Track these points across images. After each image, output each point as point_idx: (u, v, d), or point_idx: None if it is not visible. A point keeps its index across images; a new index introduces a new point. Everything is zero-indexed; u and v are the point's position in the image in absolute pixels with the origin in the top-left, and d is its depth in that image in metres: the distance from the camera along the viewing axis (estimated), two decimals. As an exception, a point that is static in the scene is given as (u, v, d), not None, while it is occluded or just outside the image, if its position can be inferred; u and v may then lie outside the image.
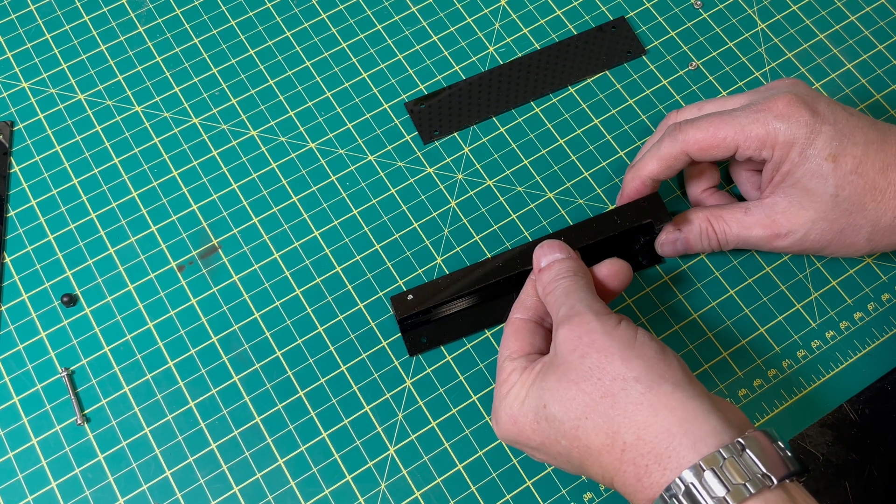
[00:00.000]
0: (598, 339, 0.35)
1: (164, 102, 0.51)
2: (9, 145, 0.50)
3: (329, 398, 0.44)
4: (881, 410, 0.45)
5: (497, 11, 0.54)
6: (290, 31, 0.53)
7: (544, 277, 0.40)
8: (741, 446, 0.32)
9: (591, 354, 0.35)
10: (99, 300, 0.46)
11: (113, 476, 0.43)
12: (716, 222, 0.44)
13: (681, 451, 0.32)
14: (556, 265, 0.40)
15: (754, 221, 0.43)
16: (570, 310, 0.37)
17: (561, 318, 0.37)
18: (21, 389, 0.44)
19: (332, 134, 0.51)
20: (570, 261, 0.40)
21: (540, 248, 0.41)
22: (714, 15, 0.54)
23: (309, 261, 0.47)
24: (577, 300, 0.37)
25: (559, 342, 0.36)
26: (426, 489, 0.43)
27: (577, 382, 0.34)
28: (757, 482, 0.31)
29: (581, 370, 0.34)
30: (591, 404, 0.34)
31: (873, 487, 0.43)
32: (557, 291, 0.38)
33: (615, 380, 0.34)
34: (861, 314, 0.47)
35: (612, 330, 0.35)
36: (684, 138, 0.42)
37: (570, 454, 0.35)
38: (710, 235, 0.44)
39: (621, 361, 0.34)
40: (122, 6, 0.54)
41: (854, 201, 0.40)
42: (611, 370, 0.34)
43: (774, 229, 0.42)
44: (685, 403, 0.33)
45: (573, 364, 0.35)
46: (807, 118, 0.40)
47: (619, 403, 0.33)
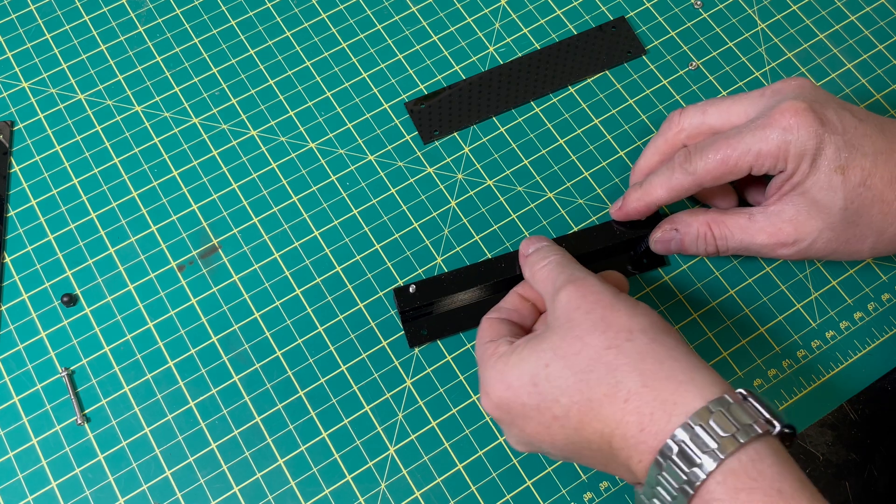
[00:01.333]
0: (604, 297, 0.36)
1: (164, 102, 0.51)
2: (9, 145, 0.50)
3: (329, 398, 0.44)
4: (881, 410, 0.45)
5: (497, 11, 0.54)
6: (290, 31, 0.53)
7: (533, 258, 0.40)
8: (743, 396, 0.33)
9: (597, 309, 0.35)
10: (99, 300, 0.46)
11: (113, 476, 0.43)
12: (717, 228, 0.43)
13: (687, 396, 0.32)
14: (544, 248, 0.41)
15: (758, 229, 0.42)
16: (571, 275, 0.37)
17: (560, 283, 0.37)
18: (21, 389, 0.44)
19: (332, 134, 0.51)
20: (555, 245, 0.41)
21: (527, 240, 0.42)
22: (714, 15, 0.54)
23: (309, 261, 0.47)
24: (575, 269, 0.38)
25: (561, 304, 0.36)
26: (426, 489, 0.43)
27: (581, 336, 0.34)
28: (762, 424, 0.31)
29: (585, 324, 0.35)
30: (595, 356, 0.34)
31: (873, 487, 0.43)
32: (550, 266, 0.39)
33: (620, 331, 0.34)
34: (861, 314, 0.47)
35: (616, 292, 0.36)
36: (695, 170, 0.41)
37: (569, 412, 0.34)
38: (709, 240, 0.43)
39: (627, 316, 0.35)
40: (122, 6, 0.54)
41: (861, 213, 0.40)
42: (616, 323, 0.34)
43: (779, 237, 0.41)
44: (688, 356, 0.34)
45: (578, 320, 0.35)
46: (815, 128, 0.39)
47: (623, 353, 0.33)
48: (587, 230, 0.44)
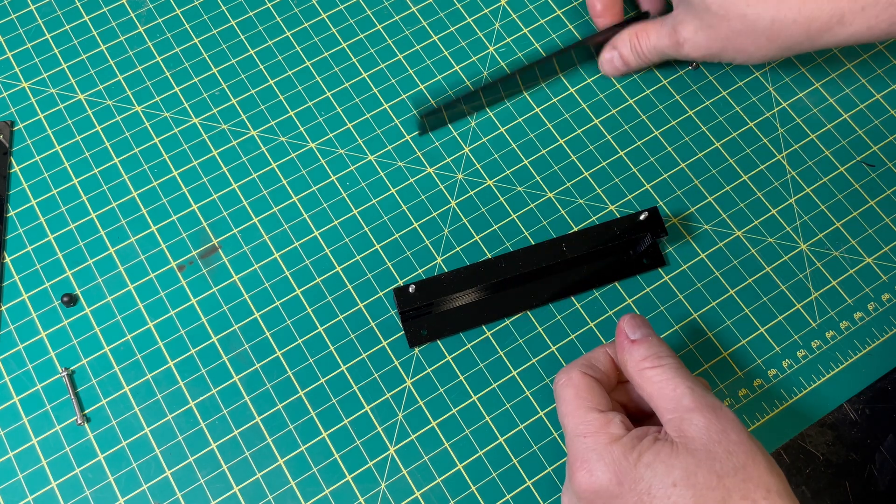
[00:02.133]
0: (746, 441, 0.34)
1: (164, 102, 0.51)
2: (9, 145, 0.50)
3: (329, 398, 0.44)
4: (881, 410, 0.45)
5: (497, 11, 0.54)
6: (290, 31, 0.53)
7: (641, 350, 0.37)
8: None
9: (739, 454, 0.33)
10: (99, 300, 0.46)
11: (113, 476, 0.43)
12: (640, 35, 0.49)
13: None
14: (654, 340, 0.38)
15: (665, 32, 0.48)
16: (703, 398, 0.35)
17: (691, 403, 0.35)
18: (21, 389, 0.44)
19: (332, 134, 0.51)
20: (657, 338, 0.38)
21: (630, 318, 0.39)
22: (714, 15, 0.54)
23: (309, 261, 0.47)
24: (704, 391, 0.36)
25: (697, 428, 0.34)
26: (426, 489, 0.43)
27: (720, 476, 0.33)
28: None
29: (726, 465, 0.33)
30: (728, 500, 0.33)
31: (873, 487, 0.43)
32: (668, 371, 0.36)
33: (759, 487, 0.33)
34: (861, 314, 0.47)
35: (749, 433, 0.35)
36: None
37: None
38: (636, 47, 0.49)
39: (767, 471, 0.33)
40: (122, 6, 0.54)
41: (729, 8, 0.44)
42: (756, 476, 0.33)
43: (675, 37, 0.47)
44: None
45: (717, 455, 0.33)
46: None
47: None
48: (587, 230, 0.44)
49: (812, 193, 0.49)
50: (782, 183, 0.50)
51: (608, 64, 0.51)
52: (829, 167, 0.50)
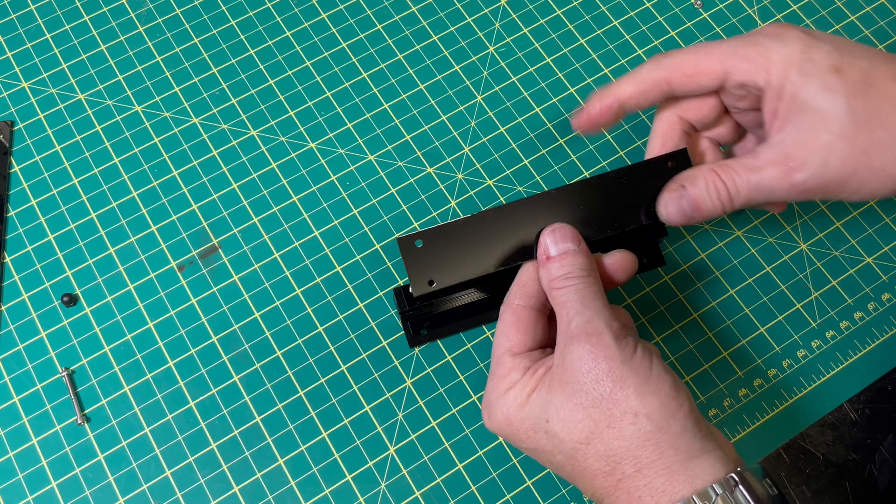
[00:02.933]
0: (616, 368, 0.33)
1: (164, 102, 0.51)
2: (9, 145, 0.50)
3: (329, 398, 0.44)
4: (881, 410, 0.45)
5: (497, 11, 0.54)
6: (290, 31, 0.53)
7: (553, 269, 0.36)
8: (734, 482, 0.32)
9: (606, 382, 0.33)
10: (99, 300, 0.46)
11: (113, 476, 0.43)
12: (723, 172, 0.37)
13: (676, 486, 0.32)
14: (569, 258, 0.36)
15: (765, 161, 0.36)
16: (588, 324, 0.34)
17: (575, 330, 0.34)
18: (21, 389, 0.44)
19: (332, 134, 0.51)
20: (582, 256, 0.36)
21: (551, 231, 0.37)
22: (714, 15, 0.54)
23: (309, 261, 0.47)
24: (595, 313, 0.35)
25: (572, 359, 0.34)
26: (426, 489, 0.43)
27: (585, 407, 0.33)
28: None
29: (593, 395, 0.33)
30: (596, 431, 0.33)
31: (873, 487, 0.43)
32: (569, 293, 0.35)
33: (626, 413, 0.33)
34: (861, 314, 0.47)
35: (629, 359, 0.34)
36: (669, 62, 0.38)
37: (563, 468, 0.35)
38: (719, 187, 0.37)
39: (636, 395, 0.33)
40: (122, 6, 0.54)
41: (871, 113, 0.35)
42: (623, 402, 0.33)
43: (788, 163, 0.36)
44: (690, 444, 0.33)
45: (585, 387, 0.34)
46: (799, 34, 0.36)
47: (625, 436, 0.33)
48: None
49: (812, 193, 0.49)
50: (782, 183, 0.50)
51: (673, 204, 0.38)
52: (829, 167, 0.50)
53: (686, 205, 0.38)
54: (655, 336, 0.46)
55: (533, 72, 0.52)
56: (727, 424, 0.44)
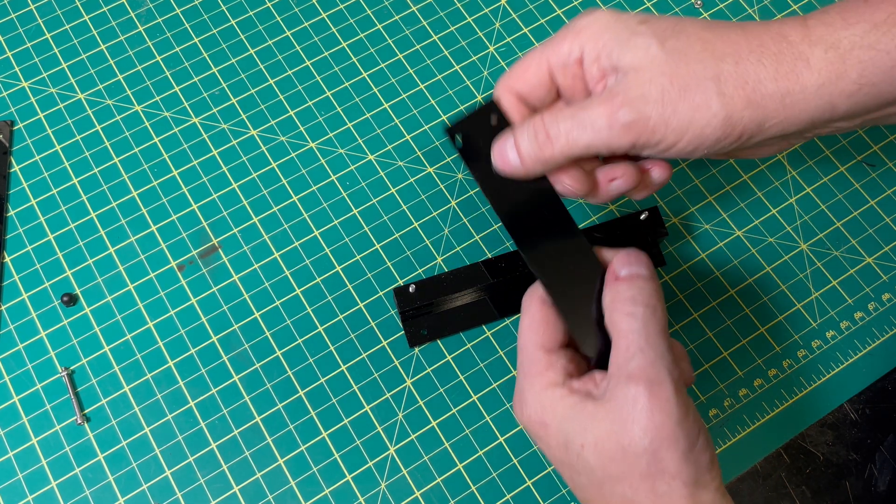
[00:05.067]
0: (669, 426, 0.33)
1: (164, 102, 0.51)
2: (9, 145, 0.50)
3: (329, 398, 0.44)
4: (881, 410, 0.45)
5: (497, 11, 0.54)
6: (290, 31, 0.53)
7: (623, 289, 0.35)
8: None
9: (655, 437, 0.33)
10: (99, 300, 0.46)
11: (113, 476, 0.43)
12: (548, 114, 0.36)
13: None
14: (639, 282, 0.35)
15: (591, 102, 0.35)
16: (650, 367, 0.33)
17: (635, 370, 0.33)
18: (21, 389, 0.44)
19: (332, 133, 0.51)
20: (653, 282, 0.35)
21: (626, 253, 0.36)
22: (714, 15, 0.54)
23: (309, 260, 0.47)
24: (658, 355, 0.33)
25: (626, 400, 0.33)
26: (426, 489, 0.43)
27: (625, 450, 0.33)
28: None
29: (638, 445, 0.33)
30: (629, 477, 0.33)
31: (873, 487, 0.43)
32: (634, 322, 0.34)
33: (664, 472, 0.33)
34: (861, 314, 0.47)
35: (683, 420, 0.33)
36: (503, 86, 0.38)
37: (584, 490, 0.34)
38: (538, 127, 0.36)
39: (679, 459, 0.33)
40: (122, 6, 0.54)
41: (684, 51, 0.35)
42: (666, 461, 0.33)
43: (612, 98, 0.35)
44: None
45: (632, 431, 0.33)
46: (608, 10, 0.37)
47: (656, 492, 0.33)
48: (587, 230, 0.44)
49: (812, 193, 0.49)
50: (783, 182, 0.50)
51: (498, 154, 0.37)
52: (829, 167, 0.50)
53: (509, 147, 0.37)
54: (655, 336, 0.46)
55: (533, 71, 0.52)
56: (727, 424, 0.44)
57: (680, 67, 0.35)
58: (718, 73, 0.34)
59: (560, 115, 0.36)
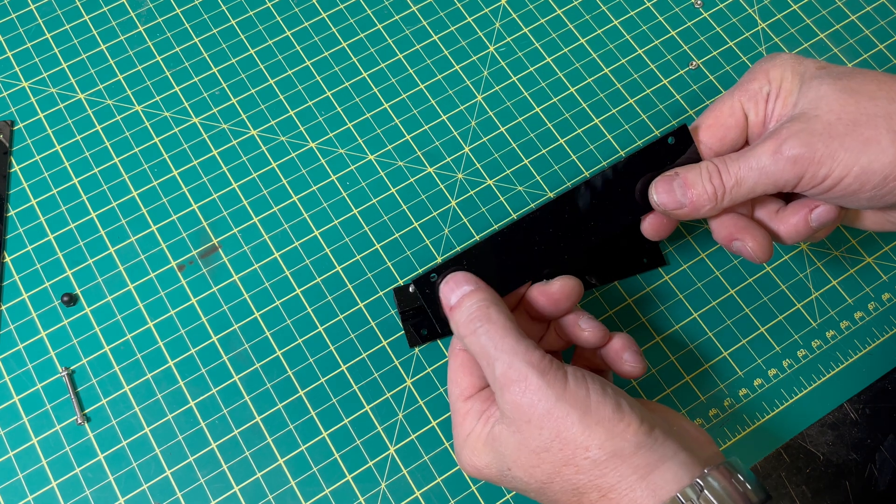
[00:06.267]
0: (553, 407, 0.33)
1: (164, 102, 0.51)
2: (9, 145, 0.50)
3: (329, 398, 0.44)
4: (881, 410, 0.45)
5: (497, 11, 0.54)
6: (290, 31, 0.53)
7: (457, 316, 0.36)
8: (700, 487, 0.32)
9: (548, 425, 0.33)
10: (99, 300, 0.46)
11: (113, 476, 0.43)
12: (718, 160, 0.38)
13: (643, 501, 0.32)
14: (465, 300, 0.36)
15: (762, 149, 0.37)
16: (510, 369, 0.34)
17: (501, 378, 0.34)
18: (21, 389, 0.44)
19: (332, 133, 0.51)
20: (479, 292, 0.37)
21: (444, 283, 0.38)
22: (714, 14, 0.54)
23: (309, 260, 0.47)
24: (512, 354, 0.34)
25: (508, 408, 0.34)
26: (426, 489, 0.43)
27: (538, 453, 0.34)
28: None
29: (540, 441, 0.33)
30: (553, 472, 0.34)
31: (873, 487, 0.43)
32: (479, 338, 0.35)
33: (577, 449, 0.33)
34: (861, 314, 0.47)
35: (563, 393, 0.33)
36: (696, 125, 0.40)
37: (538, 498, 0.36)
38: (711, 170, 0.38)
39: (581, 430, 0.33)
40: (122, 6, 0.54)
41: (857, 89, 0.36)
42: (571, 440, 0.33)
43: (777, 136, 0.36)
44: (647, 457, 0.33)
45: (530, 435, 0.34)
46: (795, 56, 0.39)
47: (583, 469, 0.33)
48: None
49: (812, 193, 0.49)
50: (782, 183, 0.50)
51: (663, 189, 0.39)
52: (829, 167, 0.50)
53: (677, 186, 0.38)
54: (656, 336, 0.46)
55: (533, 72, 0.52)
56: (727, 424, 0.44)
57: (850, 104, 0.35)
58: (891, 112, 0.35)
59: (730, 160, 0.38)
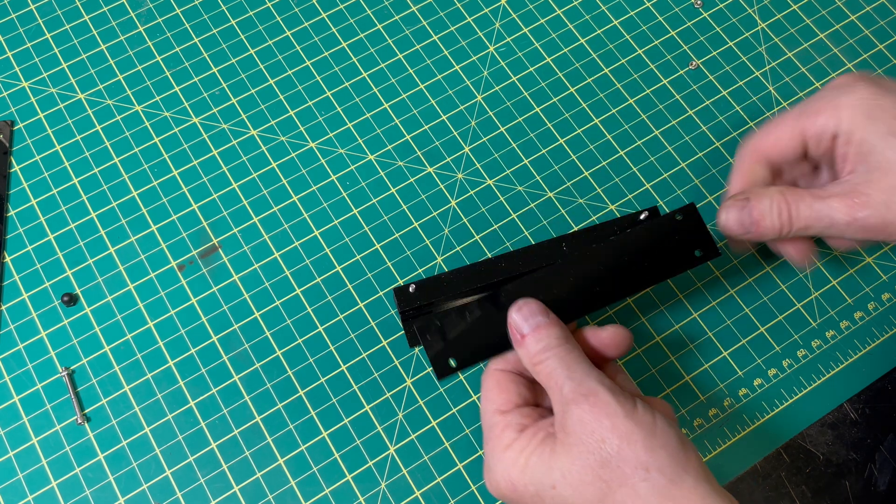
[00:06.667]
0: (620, 424, 0.33)
1: (164, 102, 0.51)
2: (9, 145, 0.50)
3: (329, 398, 0.44)
4: (881, 410, 0.45)
5: (497, 11, 0.54)
6: (290, 31, 0.53)
7: (531, 345, 0.36)
8: None
9: (612, 440, 0.33)
10: (99, 300, 0.46)
11: (113, 475, 0.43)
12: (790, 194, 0.39)
13: None
14: (542, 330, 0.37)
15: (832, 193, 0.38)
16: (580, 386, 0.34)
17: (569, 394, 0.34)
18: (21, 389, 0.44)
19: (332, 133, 0.51)
20: (555, 326, 0.37)
21: (517, 310, 0.38)
22: (714, 14, 0.54)
23: (309, 260, 0.47)
24: (584, 375, 0.35)
25: (573, 422, 0.34)
26: (426, 489, 0.43)
27: (594, 468, 0.33)
28: None
29: (600, 455, 0.33)
30: (608, 492, 0.32)
31: (873, 487, 0.43)
32: (553, 362, 0.36)
33: (637, 469, 0.32)
34: (861, 314, 0.47)
35: (632, 412, 0.33)
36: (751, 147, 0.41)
37: None
38: (782, 206, 0.38)
39: (644, 449, 0.32)
40: (122, 6, 0.54)
41: None
42: (633, 458, 0.32)
43: (854, 198, 0.37)
44: (704, 499, 0.32)
45: (590, 447, 0.33)
46: (867, 83, 0.38)
47: (639, 494, 0.32)
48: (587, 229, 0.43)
49: (812, 193, 0.49)
50: (782, 183, 0.50)
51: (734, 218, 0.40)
52: (829, 167, 0.50)
53: (746, 216, 0.39)
54: (656, 336, 0.46)
55: (533, 72, 0.53)
56: (727, 424, 0.44)
57: None
58: None
59: (802, 201, 0.38)
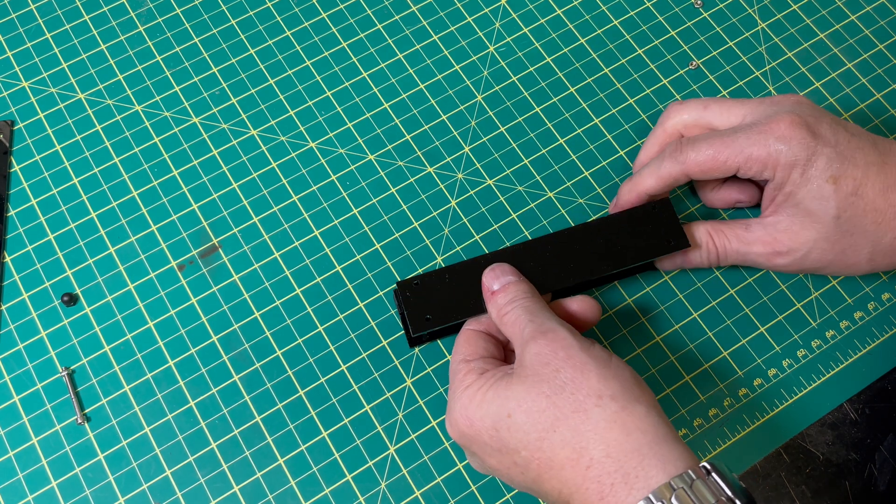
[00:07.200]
0: (575, 355, 0.35)
1: (164, 102, 0.51)
2: (9, 145, 0.50)
3: (329, 397, 0.44)
4: (881, 410, 0.45)
5: (497, 11, 0.54)
6: (290, 31, 0.53)
7: (499, 299, 0.39)
8: (706, 471, 0.32)
9: (566, 369, 0.34)
10: (99, 299, 0.46)
11: (113, 475, 0.43)
12: (717, 236, 0.43)
13: (650, 471, 0.32)
14: (511, 287, 0.40)
15: (755, 238, 0.42)
16: (541, 326, 0.36)
17: (529, 333, 0.36)
18: (21, 389, 0.44)
19: (332, 133, 0.51)
20: (524, 283, 0.40)
21: (490, 270, 0.41)
22: (714, 14, 0.54)
23: (309, 260, 0.47)
24: (545, 318, 0.37)
25: (530, 356, 0.35)
26: (426, 489, 0.43)
27: (548, 395, 0.34)
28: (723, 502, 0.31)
29: (554, 383, 0.34)
30: (561, 417, 0.33)
31: (873, 487, 0.43)
32: (517, 311, 0.38)
33: (589, 395, 0.33)
34: (861, 314, 0.47)
35: (588, 348, 0.35)
36: (685, 160, 0.42)
37: (529, 465, 0.35)
38: (710, 249, 0.44)
39: (598, 378, 0.34)
40: (122, 5, 0.54)
41: (855, 223, 0.40)
42: (586, 386, 0.34)
43: (775, 247, 0.42)
44: (657, 427, 0.33)
45: (545, 376, 0.34)
46: (808, 140, 0.39)
47: (591, 419, 0.33)
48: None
49: (812, 193, 0.49)
50: (782, 183, 0.50)
51: (667, 261, 0.45)
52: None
53: (679, 260, 0.45)
54: (656, 336, 0.46)
55: (533, 72, 0.53)
56: (727, 424, 0.44)
57: (845, 239, 0.41)
58: (876, 243, 0.41)
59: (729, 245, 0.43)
